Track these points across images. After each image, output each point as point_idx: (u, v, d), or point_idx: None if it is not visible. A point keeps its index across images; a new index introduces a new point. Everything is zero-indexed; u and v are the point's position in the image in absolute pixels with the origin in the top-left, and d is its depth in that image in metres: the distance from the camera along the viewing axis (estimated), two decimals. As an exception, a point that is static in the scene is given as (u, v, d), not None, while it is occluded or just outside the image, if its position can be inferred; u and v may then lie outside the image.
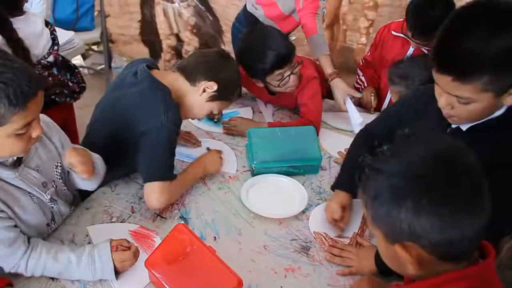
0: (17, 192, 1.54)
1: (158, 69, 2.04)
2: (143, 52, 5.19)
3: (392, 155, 1.00)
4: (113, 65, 5.12)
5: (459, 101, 1.36)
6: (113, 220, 1.87)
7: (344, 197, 1.90)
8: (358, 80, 2.99)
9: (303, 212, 1.97)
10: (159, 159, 1.84)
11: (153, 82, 1.87)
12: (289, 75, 2.33)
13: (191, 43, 4.85)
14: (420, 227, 0.94)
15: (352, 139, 2.31)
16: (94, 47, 5.32)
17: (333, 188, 1.99)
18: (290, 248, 1.80)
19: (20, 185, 1.55)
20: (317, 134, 2.33)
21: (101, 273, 1.57)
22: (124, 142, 1.87)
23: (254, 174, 2.15)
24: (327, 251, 1.78)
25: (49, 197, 1.66)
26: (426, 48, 2.49)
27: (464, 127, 1.51)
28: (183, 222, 1.81)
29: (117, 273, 1.59)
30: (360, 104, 2.78)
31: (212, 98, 1.96)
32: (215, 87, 1.92)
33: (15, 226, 1.52)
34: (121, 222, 1.85)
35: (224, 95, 1.98)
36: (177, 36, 4.91)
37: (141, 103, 1.85)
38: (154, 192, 1.81)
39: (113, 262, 1.56)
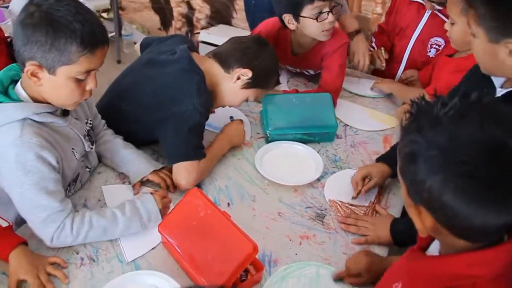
0: (64, 144, 1.58)
1: (198, 52, 1.99)
2: (153, 19, 5.12)
3: (441, 122, 0.91)
4: (123, 32, 5.05)
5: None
6: (124, 182, 1.86)
7: (381, 167, 1.86)
8: (370, 47, 2.90)
9: (318, 180, 1.93)
10: (187, 140, 1.81)
11: (190, 65, 1.85)
12: (328, 12, 2.20)
13: (202, 11, 4.78)
14: (441, 204, 0.88)
15: (366, 108, 2.30)
16: (104, 15, 5.25)
17: (377, 160, 1.95)
18: (305, 216, 1.77)
19: (70, 133, 1.61)
20: (335, 105, 2.28)
21: (148, 218, 1.60)
22: (151, 119, 1.86)
23: (268, 141, 2.11)
24: (341, 221, 1.74)
25: (89, 148, 1.72)
26: (443, 14, 2.43)
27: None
28: (196, 187, 1.78)
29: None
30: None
31: (247, 86, 1.92)
32: (249, 74, 1.88)
33: None
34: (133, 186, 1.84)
35: (259, 82, 1.93)
36: (188, 3, 4.83)
37: (176, 84, 1.84)
38: (182, 173, 1.79)
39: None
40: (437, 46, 2.56)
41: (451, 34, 2.00)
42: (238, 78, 1.88)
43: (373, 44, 2.89)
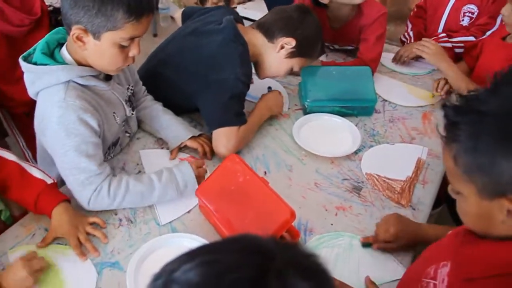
0: (106, 108, 1.59)
1: (243, 23, 1.98)
2: (191, -8, 5.10)
3: (492, 93, 0.87)
4: (160, 6, 5.02)
5: None
6: (162, 148, 1.87)
7: None
8: (406, 34, 2.82)
9: (356, 153, 1.90)
10: (227, 107, 1.80)
11: (236, 36, 1.83)
12: None
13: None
14: None
15: (406, 84, 2.25)
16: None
17: None
18: (341, 187, 1.75)
19: (112, 97, 1.62)
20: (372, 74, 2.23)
21: (184, 186, 1.60)
22: (193, 86, 1.86)
23: (306, 112, 2.08)
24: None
25: (130, 114, 1.73)
26: None
27: None
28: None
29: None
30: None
31: (291, 55, 1.89)
32: (293, 43, 1.85)
33: None
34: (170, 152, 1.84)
35: (303, 51, 1.90)
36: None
37: (220, 53, 1.82)
38: (222, 139, 1.78)
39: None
40: (470, 14, 2.49)
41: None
42: (282, 48, 1.85)
43: (410, 32, 2.79)
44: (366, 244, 1.52)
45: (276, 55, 1.88)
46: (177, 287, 0.58)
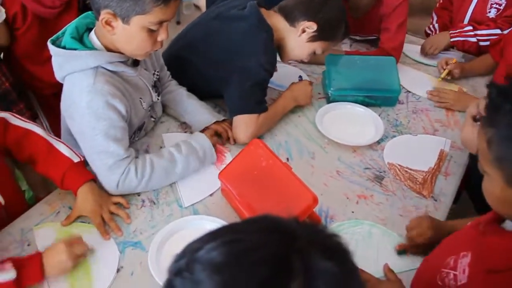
0: (133, 94, 1.61)
1: (266, 8, 1.96)
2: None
3: None
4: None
5: None
6: (185, 131, 1.89)
7: None
8: (431, 26, 2.78)
9: (378, 142, 1.89)
10: (249, 94, 1.80)
11: (260, 22, 1.82)
12: None
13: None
14: None
15: (430, 76, 2.21)
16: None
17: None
18: (363, 176, 1.74)
19: (139, 83, 1.64)
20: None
21: (203, 153, 1.64)
22: (216, 72, 1.86)
23: (329, 101, 2.07)
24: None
25: (156, 99, 1.74)
26: None
27: None
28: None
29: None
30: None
31: (313, 39, 1.86)
32: (314, 27, 1.82)
33: None
34: (194, 136, 1.85)
35: (325, 35, 1.87)
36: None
37: (245, 40, 1.82)
38: (241, 126, 1.79)
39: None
40: (497, 6, 2.45)
41: None
42: (303, 31, 1.83)
43: (435, 24, 2.75)
44: (401, 251, 1.48)
45: (298, 39, 1.86)
46: (200, 266, 0.58)
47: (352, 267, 0.63)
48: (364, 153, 1.84)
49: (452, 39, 2.49)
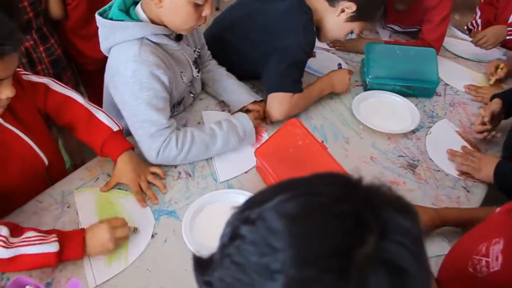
0: (175, 67, 1.63)
1: None
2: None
3: None
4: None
5: None
6: (223, 110, 1.90)
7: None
8: (474, 21, 2.71)
9: (413, 132, 1.88)
10: (286, 73, 1.80)
11: (299, 3, 1.82)
12: None
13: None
14: None
15: (470, 70, 2.18)
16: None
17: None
18: (396, 163, 1.73)
19: (181, 57, 1.66)
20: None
21: (243, 133, 1.65)
22: (256, 52, 1.87)
23: (366, 89, 2.06)
24: (450, 153, 1.76)
25: (196, 75, 1.76)
26: None
27: None
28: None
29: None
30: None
31: (351, 19, 1.84)
32: (353, 7, 1.80)
33: None
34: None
35: (363, 15, 1.85)
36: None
37: (284, 21, 1.82)
38: (275, 103, 1.79)
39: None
40: None
41: None
42: (342, 11, 1.81)
43: (478, 20, 2.68)
44: None
45: (336, 19, 1.84)
46: (275, 215, 0.57)
47: (421, 228, 0.62)
48: (399, 141, 1.83)
49: (508, 37, 2.42)
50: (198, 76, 1.81)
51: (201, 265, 0.63)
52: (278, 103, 1.78)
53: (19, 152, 1.42)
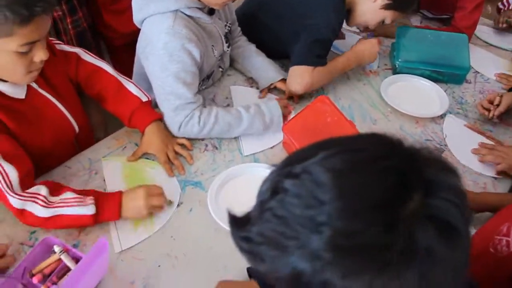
0: (207, 40, 1.63)
1: None
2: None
3: None
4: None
5: None
6: (252, 86, 1.90)
7: None
8: (505, 1, 2.62)
9: (442, 117, 1.85)
10: (310, 48, 1.77)
11: None
12: None
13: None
14: None
15: (501, 59, 2.14)
16: None
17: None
18: (424, 146, 1.71)
19: (213, 31, 1.66)
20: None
21: (270, 120, 1.62)
22: (285, 30, 1.86)
23: (395, 72, 2.03)
24: (475, 153, 1.69)
25: (226, 49, 1.76)
26: None
27: None
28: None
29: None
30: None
31: (386, 7, 1.82)
32: None
33: None
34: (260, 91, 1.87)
35: (398, 4, 1.83)
36: None
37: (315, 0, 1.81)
38: (296, 76, 1.76)
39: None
40: None
41: None
42: None
43: (504, 1, 2.64)
44: None
45: (371, 4, 1.82)
46: (321, 169, 0.55)
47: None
48: (427, 125, 1.81)
49: None
50: (228, 50, 1.81)
51: (238, 221, 0.62)
52: (300, 76, 1.75)
53: (52, 118, 1.44)
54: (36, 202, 1.24)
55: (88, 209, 1.26)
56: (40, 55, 1.24)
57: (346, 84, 1.95)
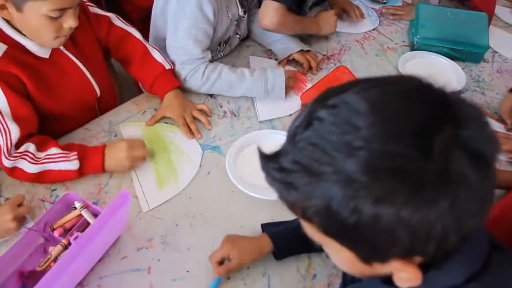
0: (222, 0, 1.63)
1: None
2: None
3: None
4: None
5: None
6: (270, 58, 1.89)
7: None
8: None
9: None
10: None
11: None
12: None
13: None
14: None
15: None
16: None
17: None
18: (439, 122, 1.70)
19: None
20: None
21: (272, 87, 1.61)
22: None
23: (413, 49, 2.01)
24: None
25: (243, 14, 1.76)
26: None
27: None
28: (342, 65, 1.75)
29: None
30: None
31: None
32: None
33: None
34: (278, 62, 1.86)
35: None
36: None
37: None
38: (269, 10, 1.71)
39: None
40: None
41: None
42: None
43: None
44: None
45: None
46: (358, 98, 0.56)
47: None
48: (443, 101, 1.79)
49: None
50: (244, 17, 1.81)
51: (268, 156, 0.63)
52: (273, 12, 1.70)
53: (75, 80, 1.45)
54: (25, 159, 1.28)
55: (72, 164, 1.30)
56: (69, 22, 1.26)
57: (364, 58, 1.94)
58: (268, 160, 0.61)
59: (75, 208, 1.22)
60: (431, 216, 0.52)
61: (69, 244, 1.14)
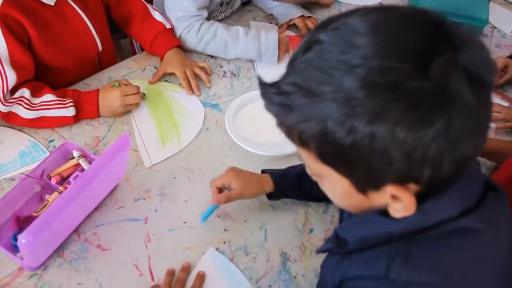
0: None
1: None
2: None
3: None
4: None
5: None
6: (271, 23, 1.86)
7: None
8: None
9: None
10: None
11: None
12: None
13: None
14: None
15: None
16: None
17: None
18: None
19: None
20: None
21: (265, 49, 1.58)
22: None
23: (413, 20, 1.99)
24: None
25: None
26: None
27: None
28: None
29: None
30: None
31: None
32: None
33: None
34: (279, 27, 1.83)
35: None
36: None
37: None
38: None
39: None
40: None
41: None
42: None
43: None
44: None
45: None
46: (359, 20, 0.54)
47: None
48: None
49: None
50: None
51: (268, 82, 0.61)
52: None
53: (77, 30, 1.43)
54: (21, 105, 1.27)
55: (68, 111, 1.31)
56: None
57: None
58: (268, 86, 0.60)
59: (73, 158, 1.20)
60: (426, 137, 0.50)
61: (67, 190, 1.12)
